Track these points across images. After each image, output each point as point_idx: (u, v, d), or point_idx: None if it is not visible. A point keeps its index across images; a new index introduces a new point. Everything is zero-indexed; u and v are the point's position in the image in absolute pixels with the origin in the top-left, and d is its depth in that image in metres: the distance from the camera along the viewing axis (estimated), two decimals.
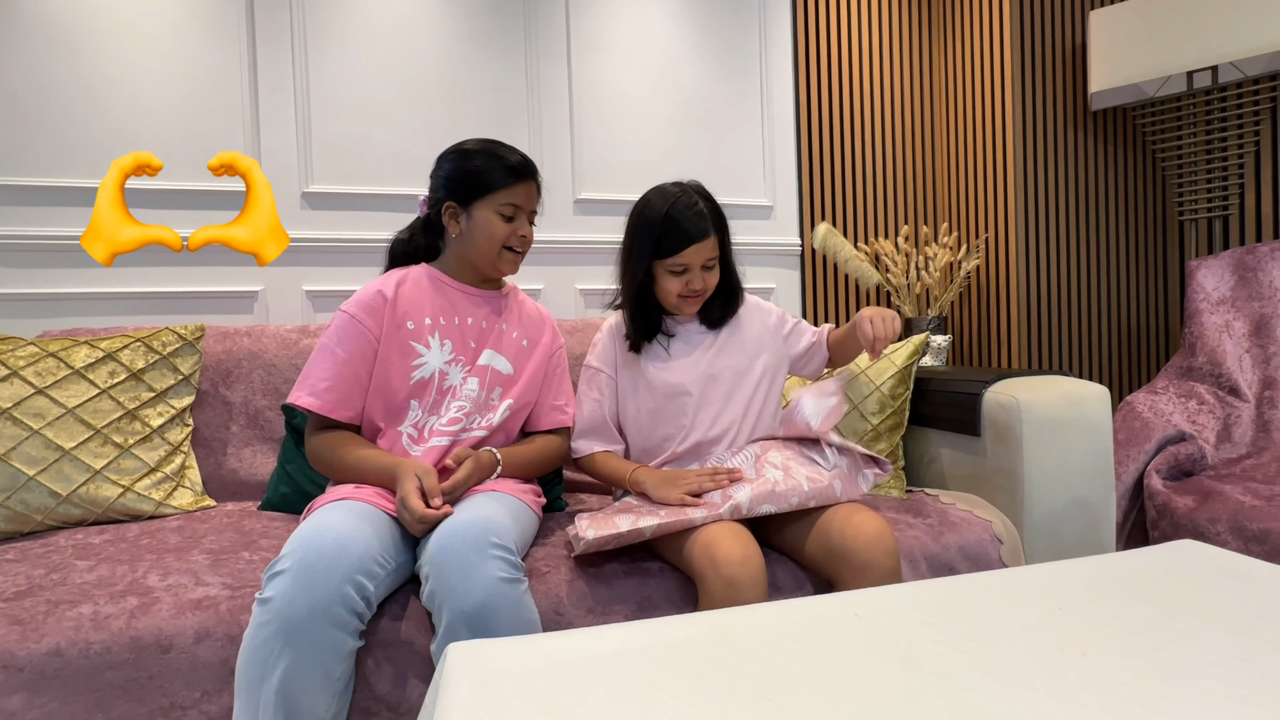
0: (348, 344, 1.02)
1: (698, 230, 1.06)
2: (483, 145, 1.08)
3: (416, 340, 1.05)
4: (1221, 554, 0.82)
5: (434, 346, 1.06)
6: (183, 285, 1.62)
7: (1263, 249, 1.77)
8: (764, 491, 0.97)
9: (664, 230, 1.06)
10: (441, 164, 1.10)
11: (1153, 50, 1.89)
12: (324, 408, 1.00)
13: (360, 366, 1.02)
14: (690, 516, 0.94)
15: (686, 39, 2.00)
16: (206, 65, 1.64)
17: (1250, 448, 1.58)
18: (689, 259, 1.07)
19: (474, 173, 1.05)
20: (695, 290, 1.10)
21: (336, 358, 1.01)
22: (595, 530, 0.94)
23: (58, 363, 1.21)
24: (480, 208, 1.06)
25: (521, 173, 1.06)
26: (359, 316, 1.03)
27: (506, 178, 1.05)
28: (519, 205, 1.07)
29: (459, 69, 1.81)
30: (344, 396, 1.01)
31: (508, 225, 1.07)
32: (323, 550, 0.78)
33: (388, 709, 0.85)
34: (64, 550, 1.03)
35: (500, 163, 1.06)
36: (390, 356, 1.03)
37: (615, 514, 0.99)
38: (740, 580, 0.87)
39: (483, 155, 1.06)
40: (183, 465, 1.28)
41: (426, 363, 1.04)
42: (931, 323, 2.01)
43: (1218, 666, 0.56)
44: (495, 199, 1.05)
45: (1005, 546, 1.15)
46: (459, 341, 1.07)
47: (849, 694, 0.54)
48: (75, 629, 0.81)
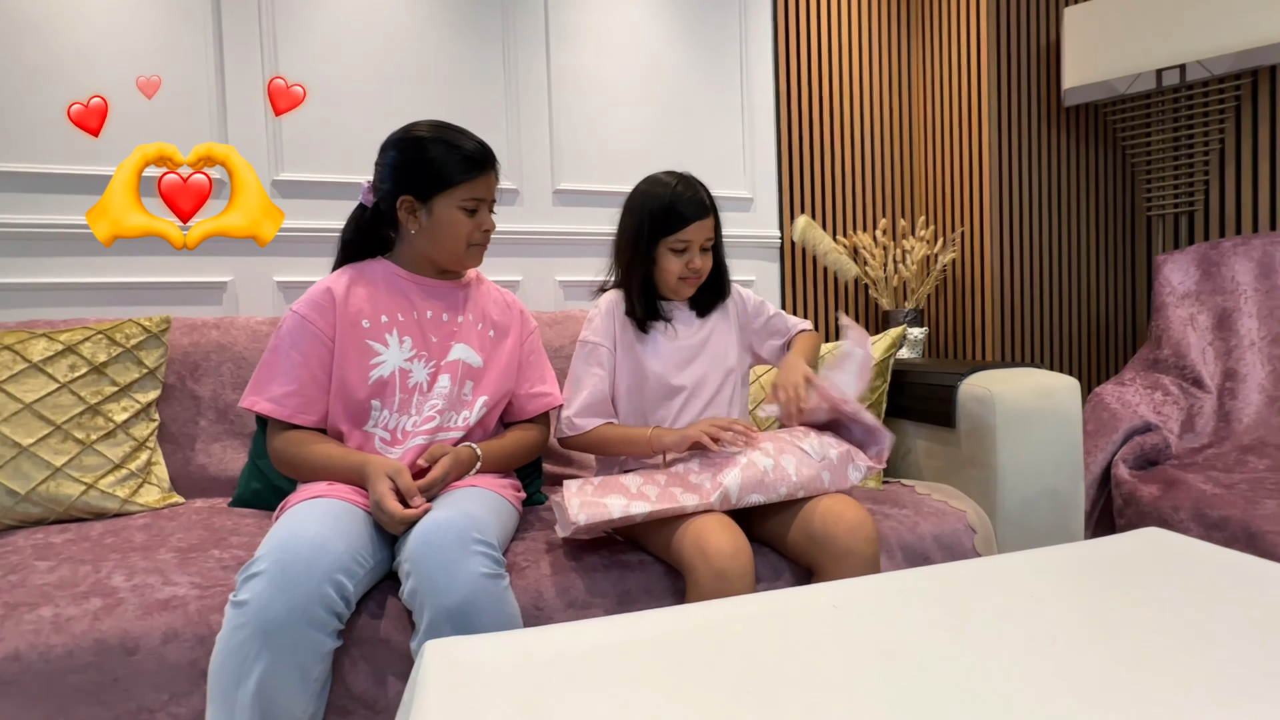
0: (302, 346, 0.98)
1: (701, 208, 1.12)
2: (436, 132, 1.01)
3: (373, 339, 1.01)
4: (1184, 541, 0.85)
5: (392, 344, 1.02)
6: (147, 276, 1.57)
7: (1226, 244, 1.82)
8: (753, 479, 0.97)
9: (669, 207, 1.11)
10: (388, 152, 1.02)
11: (1124, 48, 1.92)
12: (285, 414, 0.98)
13: (318, 369, 0.99)
14: (682, 503, 0.94)
15: (667, 29, 1.99)
16: (171, 48, 1.58)
17: (1212, 437, 1.63)
18: (691, 235, 1.12)
19: (430, 165, 0.99)
20: (695, 269, 1.14)
21: (292, 360, 0.98)
22: (587, 515, 0.92)
23: (14, 356, 1.16)
24: (441, 203, 1.00)
25: (482, 163, 1.01)
26: (310, 317, 0.99)
27: (468, 170, 1.00)
28: (481, 198, 1.02)
29: (435, 55, 1.77)
30: (306, 401, 0.99)
31: (471, 220, 1.02)
32: (300, 551, 0.76)
33: (364, 707, 0.84)
34: (23, 550, 1.00)
35: (458, 153, 1.00)
36: (346, 356, 0.99)
37: (605, 494, 0.96)
38: (730, 572, 0.88)
39: (438, 145, 1.00)
40: (149, 461, 1.24)
41: (385, 361, 1.01)
42: (908, 315, 2.04)
43: (1183, 651, 0.58)
44: (456, 194, 1.00)
45: (979, 536, 1.17)
46: (419, 337, 1.04)
47: (827, 685, 0.54)
48: (35, 632, 0.78)
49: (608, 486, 0.98)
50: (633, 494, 0.96)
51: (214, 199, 1.59)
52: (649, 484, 0.98)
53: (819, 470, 1.02)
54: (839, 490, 1.04)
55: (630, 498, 0.95)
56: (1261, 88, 1.93)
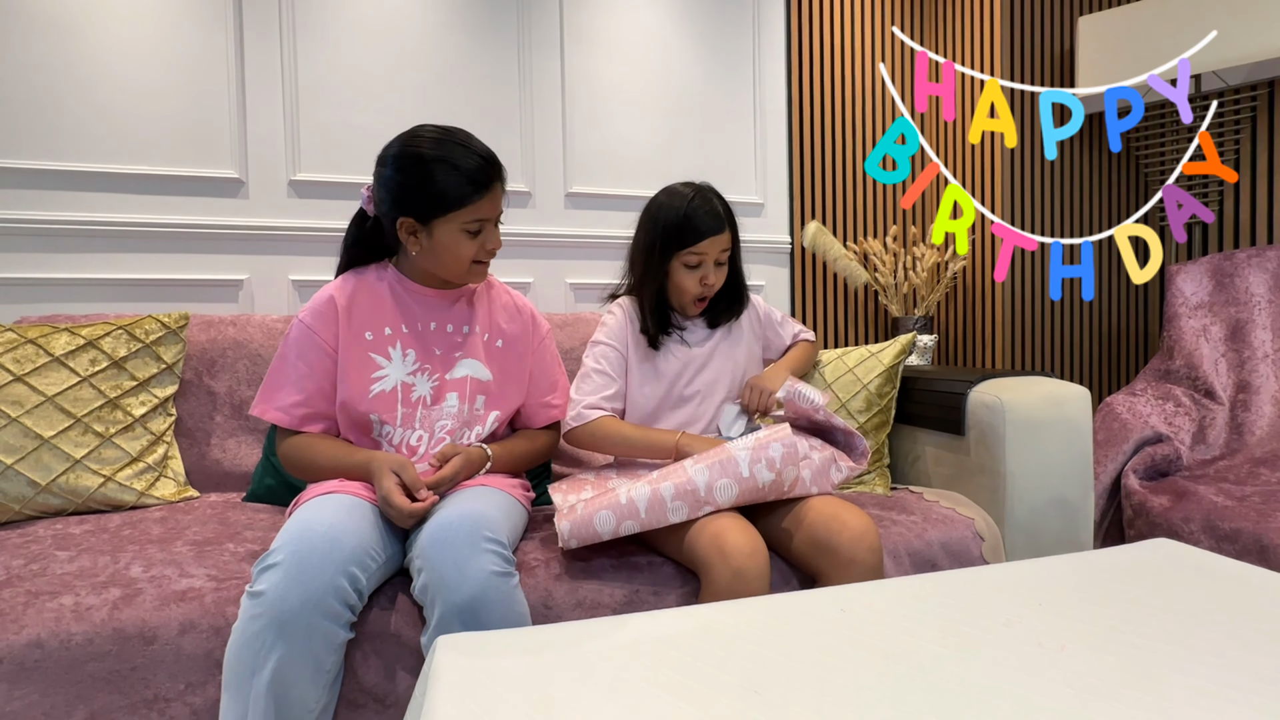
0: (308, 357, 0.99)
1: (716, 222, 1.11)
2: (437, 149, 0.94)
3: (376, 352, 1.00)
4: (1195, 553, 0.84)
5: (395, 358, 1.01)
6: (165, 273, 1.60)
7: (1240, 255, 1.81)
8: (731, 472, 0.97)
9: (684, 221, 1.11)
10: (387, 167, 0.96)
11: (1139, 57, 1.92)
12: (293, 423, 0.99)
13: (324, 379, 0.99)
14: (670, 520, 0.94)
15: (680, 34, 2.00)
16: (193, 48, 1.60)
17: (1224, 449, 1.62)
18: (706, 249, 1.11)
19: (430, 189, 0.93)
20: (709, 285, 1.15)
21: (299, 371, 0.99)
22: (578, 539, 0.94)
23: (36, 349, 1.18)
24: (442, 226, 0.96)
25: (485, 182, 0.95)
26: (315, 327, 0.99)
27: (470, 193, 0.94)
28: (485, 218, 0.97)
29: (451, 59, 1.79)
30: (313, 412, 1.00)
31: (475, 240, 0.98)
32: (315, 543, 0.78)
33: (375, 701, 0.85)
34: (43, 540, 1.01)
35: (459, 174, 0.93)
36: (348, 369, 0.99)
37: (593, 511, 0.95)
38: (749, 571, 0.88)
39: (439, 165, 0.93)
40: (165, 455, 1.26)
41: (387, 375, 1.00)
42: (918, 322, 2.04)
43: (1191, 662, 0.58)
44: (459, 217, 0.95)
45: (986, 544, 1.17)
46: (422, 350, 1.02)
47: (836, 688, 0.55)
48: (56, 620, 0.80)
49: (595, 503, 0.96)
50: (622, 507, 0.94)
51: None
52: (636, 492, 0.96)
53: (800, 470, 1.01)
54: (821, 491, 1.04)
55: (619, 516, 0.94)
56: (1279, 99, 1.92)
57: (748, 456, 0.94)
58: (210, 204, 1.62)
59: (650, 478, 0.96)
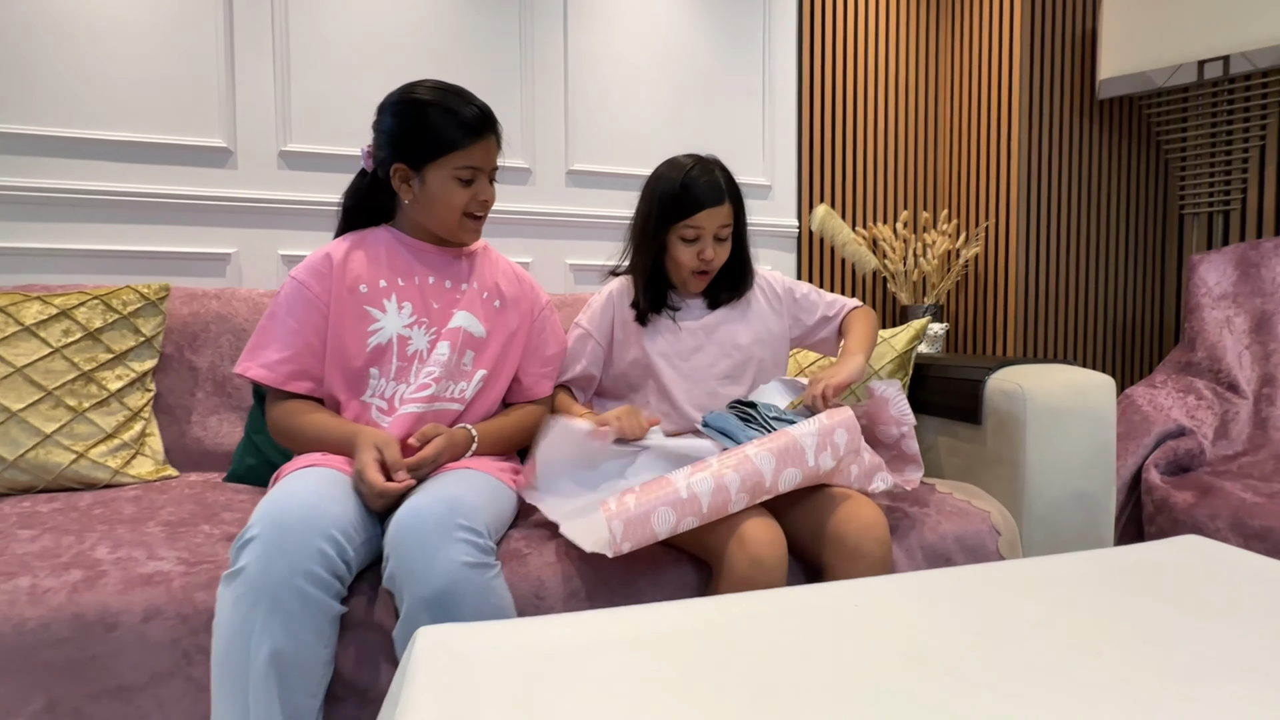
0: (298, 312, 0.95)
1: (715, 193, 1.05)
2: (435, 95, 0.94)
3: (371, 304, 0.97)
4: (1228, 550, 0.79)
5: (390, 310, 0.98)
6: (149, 244, 1.53)
7: (1267, 245, 1.74)
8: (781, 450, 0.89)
9: (681, 192, 1.05)
10: (385, 115, 0.96)
11: (1165, 38, 1.84)
12: (278, 380, 0.94)
13: (313, 335, 0.95)
14: (730, 511, 0.86)
15: (688, 8, 1.92)
16: (180, 14, 1.53)
17: (1247, 444, 1.56)
18: (703, 222, 1.05)
19: (424, 131, 0.93)
20: (706, 260, 1.08)
21: (288, 327, 0.95)
22: (632, 541, 0.82)
23: (5, 318, 1.12)
24: (434, 172, 0.95)
25: (479, 129, 0.94)
26: (307, 282, 0.96)
27: (462, 137, 0.93)
28: (478, 167, 0.96)
29: (449, 28, 1.72)
30: (300, 369, 0.95)
31: (466, 190, 0.96)
32: (295, 510, 0.73)
33: (356, 694, 0.79)
34: (7, 518, 0.96)
35: (454, 118, 0.93)
36: (344, 322, 0.96)
37: (649, 509, 0.83)
38: (768, 560, 0.83)
39: (433, 110, 0.93)
40: (143, 432, 1.21)
41: (383, 327, 0.97)
42: (928, 310, 1.97)
43: (1235, 667, 0.53)
44: (450, 161, 0.94)
45: (1003, 538, 1.12)
46: (419, 303, 0.99)
47: (853, 692, 0.49)
48: (9, 603, 0.75)
49: (649, 498, 0.84)
50: (683, 502, 0.84)
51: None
52: (699, 484, 0.86)
53: (852, 461, 0.95)
54: (859, 489, 0.98)
55: (679, 512, 0.84)
56: None
57: (814, 443, 0.89)
58: (197, 174, 1.56)
59: (709, 466, 0.86)
